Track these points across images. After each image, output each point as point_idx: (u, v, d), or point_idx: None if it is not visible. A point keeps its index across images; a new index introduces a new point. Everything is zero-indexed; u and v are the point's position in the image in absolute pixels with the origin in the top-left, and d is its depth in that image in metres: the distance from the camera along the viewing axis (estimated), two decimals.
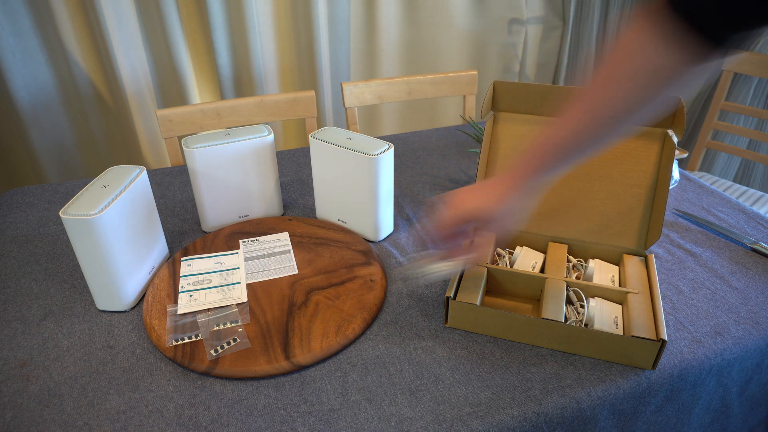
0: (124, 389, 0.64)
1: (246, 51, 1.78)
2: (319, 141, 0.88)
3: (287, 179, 1.13)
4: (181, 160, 1.31)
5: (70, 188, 1.09)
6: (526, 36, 2.26)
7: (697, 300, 0.78)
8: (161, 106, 1.85)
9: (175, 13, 1.67)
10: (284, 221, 0.95)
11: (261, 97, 1.33)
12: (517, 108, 0.83)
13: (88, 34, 1.65)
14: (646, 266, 0.78)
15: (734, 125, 1.71)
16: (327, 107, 2.02)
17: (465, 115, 1.55)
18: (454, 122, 2.25)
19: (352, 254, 0.86)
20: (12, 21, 1.55)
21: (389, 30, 2.00)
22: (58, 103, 1.72)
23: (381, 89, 1.46)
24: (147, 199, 0.79)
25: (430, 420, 0.60)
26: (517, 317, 0.68)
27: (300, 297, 0.77)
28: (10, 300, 0.79)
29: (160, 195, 1.07)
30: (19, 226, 0.97)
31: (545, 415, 0.61)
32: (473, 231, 0.72)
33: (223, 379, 0.65)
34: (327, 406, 0.62)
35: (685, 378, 0.67)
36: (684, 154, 1.13)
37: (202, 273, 0.81)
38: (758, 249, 0.88)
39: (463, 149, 1.25)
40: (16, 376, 0.66)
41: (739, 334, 0.71)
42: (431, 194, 1.06)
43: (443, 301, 0.78)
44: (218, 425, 0.60)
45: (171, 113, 1.26)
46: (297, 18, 1.83)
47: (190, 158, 0.86)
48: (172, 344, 0.68)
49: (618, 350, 0.66)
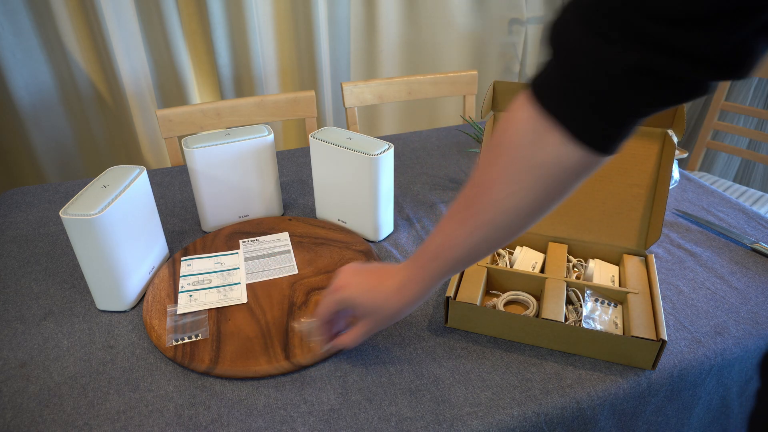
0: (124, 389, 0.64)
1: (246, 51, 1.78)
2: (319, 141, 0.88)
3: (287, 179, 1.13)
4: (181, 160, 1.31)
5: (70, 188, 1.09)
6: (526, 36, 2.26)
7: (697, 300, 0.78)
8: (161, 106, 1.85)
9: (175, 13, 1.67)
10: (284, 221, 0.95)
11: (261, 97, 1.33)
12: None
13: (88, 34, 1.65)
14: (646, 266, 0.78)
15: (734, 125, 1.71)
16: (327, 107, 2.02)
17: (465, 115, 1.55)
18: (454, 122, 2.25)
19: (352, 254, 0.86)
20: (12, 21, 1.55)
21: (389, 30, 2.00)
22: (58, 103, 1.72)
23: (381, 89, 1.46)
24: (147, 199, 0.79)
25: (430, 420, 0.60)
26: (517, 317, 0.68)
27: (300, 297, 0.77)
28: (10, 300, 0.79)
29: (160, 195, 1.07)
30: (19, 226, 0.97)
31: (545, 415, 0.61)
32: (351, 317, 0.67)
33: (223, 379, 0.65)
34: (327, 406, 0.62)
35: (685, 378, 0.67)
36: (684, 154, 1.13)
37: (202, 273, 0.81)
38: (758, 249, 0.88)
39: (463, 149, 1.25)
40: (16, 376, 0.66)
41: (739, 334, 0.71)
42: (431, 194, 1.06)
43: (443, 301, 0.78)
44: (218, 425, 0.59)
45: (171, 113, 1.26)
46: (297, 18, 1.83)
47: (190, 158, 0.86)
48: (172, 344, 0.68)
49: (618, 350, 0.66)
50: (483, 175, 0.51)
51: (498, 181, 0.49)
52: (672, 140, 0.76)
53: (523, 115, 0.46)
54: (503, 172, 0.48)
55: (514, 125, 0.47)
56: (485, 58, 2.24)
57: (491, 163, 0.50)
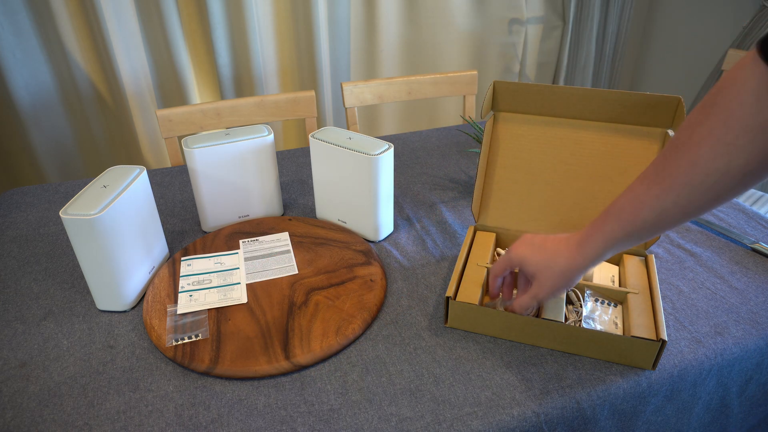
0: (124, 389, 0.64)
1: (246, 51, 1.78)
2: (319, 141, 0.88)
3: (287, 179, 1.13)
4: (181, 160, 1.31)
5: (70, 188, 1.09)
6: (526, 36, 2.26)
7: (697, 300, 0.78)
8: (161, 106, 1.85)
9: (175, 13, 1.67)
10: (284, 221, 0.95)
11: (261, 97, 1.33)
12: (517, 108, 0.83)
13: (88, 34, 1.65)
14: (646, 266, 0.78)
15: None
16: (327, 107, 2.02)
17: (465, 115, 1.55)
18: (454, 122, 2.25)
19: (352, 254, 0.86)
20: (12, 21, 1.55)
21: (389, 30, 2.00)
22: (58, 103, 1.72)
23: (381, 89, 1.46)
24: (147, 199, 0.79)
25: (430, 420, 0.60)
26: (517, 317, 0.68)
27: (300, 297, 0.77)
28: (10, 300, 0.79)
29: (160, 195, 1.07)
30: (19, 226, 0.97)
31: (545, 415, 0.61)
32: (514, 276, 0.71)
33: (223, 379, 0.65)
34: (327, 406, 0.62)
35: (685, 378, 0.67)
36: None
37: (202, 273, 0.81)
38: (758, 249, 0.88)
39: (463, 149, 1.25)
40: (16, 376, 0.66)
41: (739, 334, 0.71)
42: (431, 194, 1.06)
43: (443, 301, 0.78)
44: (218, 425, 0.60)
45: (171, 113, 1.26)
46: (297, 18, 1.83)
47: (190, 158, 0.86)
48: (172, 344, 0.68)
49: (618, 350, 0.66)
50: (687, 136, 0.48)
51: (705, 141, 0.46)
52: None
53: (749, 74, 0.44)
54: (713, 131, 0.46)
55: (737, 84, 0.45)
56: (485, 58, 2.24)
57: (699, 123, 0.47)
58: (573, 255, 0.57)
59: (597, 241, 0.56)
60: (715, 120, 0.46)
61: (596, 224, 0.56)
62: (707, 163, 0.47)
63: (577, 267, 0.57)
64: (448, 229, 0.94)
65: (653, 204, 0.50)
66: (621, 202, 0.54)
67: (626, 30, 2.35)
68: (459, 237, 0.92)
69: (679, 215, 0.50)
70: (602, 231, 0.55)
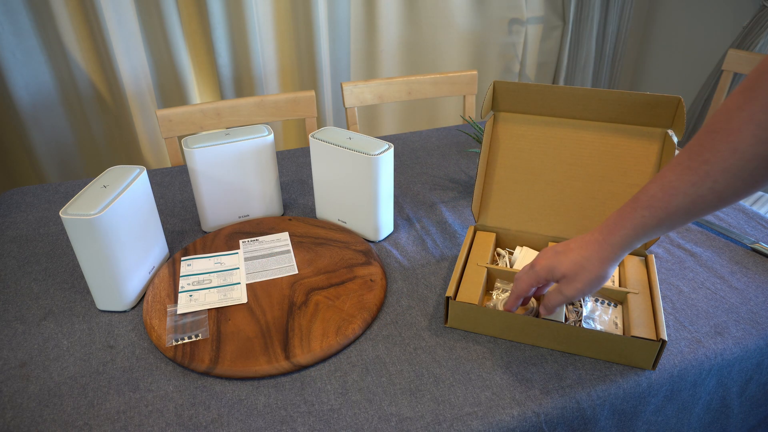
0: (124, 389, 0.64)
1: (246, 51, 1.78)
2: (319, 141, 0.88)
3: (287, 179, 1.13)
4: (181, 160, 1.31)
5: (70, 188, 1.09)
6: (526, 36, 2.26)
7: (697, 300, 0.78)
8: (161, 106, 1.85)
9: (175, 13, 1.67)
10: (284, 221, 0.95)
11: (261, 97, 1.33)
12: (517, 108, 0.83)
13: (88, 34, 1.65)
14: (646, 266, 0.78)
15: None
16: (327, 107, 2.02)
17: (465, 115, 1.55)
18: (454, 122, 2.25)
19: (352, 254, 0.86)
20: (12, 21, 1.55)
21: (389, 30, 2.00)
22: (58, 103, 1.72)
23: (381, 89, 1.46)
24: (147, 199, 0.79)
25: (430, 420, 0.60)
26: (517, 317, 0.68)
27: (300, 297, 0.77)
28: (10, 300, 0.79)
29: (160, 195, 1.07)
30: (19, 226, 0.97)
31: (545, 415, 0.61)
32: None
33: (223, 379, 0.65)
34: (327, 406, 0.62)
35: (685, 378, 0.67)
36: None
37: (202, 273, 0.81)
38: (758, 249, 0.88)
39: (463, 149, 1.25)
40: (16, 376, 0.66)
41: (739, 334, 0.71)
42: (431, 194, 1.06)
43: (443, 301, 0.78)
44: (218, 425, 0.60)
45: (171, 113, 1.26)
46: (297, 18, 1.83)
47: (190, 158, 0.86)
48: (172, 344, 0.68)
49: (618, 350, 0.66)
50: (726, 121, 0.47)
51: (747, 126, 0.45)
52: (672, 140, 0.76)
53: None
54: (757, 114, 0.45)
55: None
56: (485, 58, 2.24)
57: (739, 107, 0.46)
58: (602, 247, 0.56)
59: (626, 229, 0.54)
60: (756, 105, 0.45)
61: (624, 213, 0.55)
62: (748, 148, 0.46)
63: (608, 258, 0.56)
64: (448, 229, 0.94)
65: (688, 190, 0.49)
66: (652, 190, 0.53)
67: (626, 30, 2.35)
68: (459, 237, 0.92)
69: (714, 201, 0.49)
70: (631, 219, 0.54)
